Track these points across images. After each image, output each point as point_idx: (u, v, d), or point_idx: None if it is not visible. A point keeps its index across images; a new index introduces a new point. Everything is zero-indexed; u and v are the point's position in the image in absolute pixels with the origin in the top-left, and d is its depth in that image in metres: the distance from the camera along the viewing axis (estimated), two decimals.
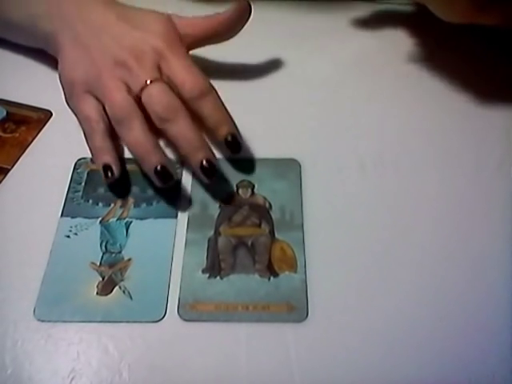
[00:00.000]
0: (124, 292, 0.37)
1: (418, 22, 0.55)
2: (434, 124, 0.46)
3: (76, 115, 0.45)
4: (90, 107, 0.43)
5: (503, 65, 0.51)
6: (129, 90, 0.42)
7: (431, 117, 0.47)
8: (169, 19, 0.45)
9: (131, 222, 0.41)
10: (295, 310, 0.36)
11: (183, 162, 0.44)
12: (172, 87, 0.42)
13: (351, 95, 0.49)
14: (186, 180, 0.43)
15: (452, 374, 0.34)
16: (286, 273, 0.38)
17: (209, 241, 0.39)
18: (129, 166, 0.44)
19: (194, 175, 0.43)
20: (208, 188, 0.42)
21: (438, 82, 0.50)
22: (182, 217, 0.41)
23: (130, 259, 0.39)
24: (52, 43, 0.46)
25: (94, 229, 0.40)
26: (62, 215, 0.41)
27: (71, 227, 0.40)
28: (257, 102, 0.48)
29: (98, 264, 0.38)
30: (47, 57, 0.49)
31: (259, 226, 0.40)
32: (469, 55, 0.51)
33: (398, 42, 0.53)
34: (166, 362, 0.35)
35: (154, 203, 0.42)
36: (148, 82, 0.41)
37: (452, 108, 0.48)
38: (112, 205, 0.42)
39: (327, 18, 0.55)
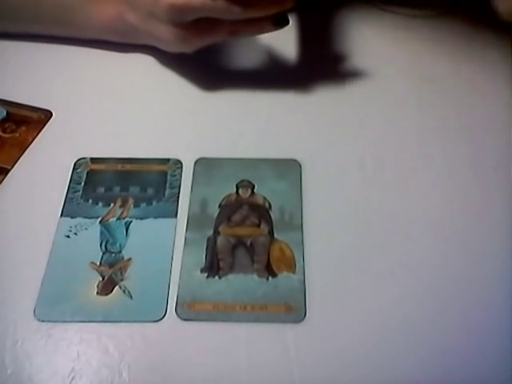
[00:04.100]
0: (124, 292, 0.37)
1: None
2: (433, 125, 0.46)
3: None
4: None
5: (502, 66, 0.51)
6: None
7: (430, 117, 0.47)
8: None
9: (131, 222, 0.41)
10: (293, 310, 0.36)
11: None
12: None
13: (351, 95, 0.49)
14: (186, 180, 0.43)
15: (452, 373, 0.34)
16: (285, 273, 0.38)
17: (208, 240, 0.40)
18: (129, 166, 0.44)
19: (194, 174, 0.43)
20: (208, 188, 0.42)
21: (438, 83, 0.50)
22: (182, 216, 0.41)
23: (129, 259, 0.39)
24: None
25: (93, 229, 0.40)
26: (61, 215, 0.41)
27: (71, 227, 0.40)
28: (257, 103, 0.48)
29: (98, 264, 0.39)
30: (48, 57, 0.49)
31: (258, 225, 0.40)
32: (468, 56, 0.51)
33: (399, 45, 0.53)
34: (166, 361, 0.35)
35: (154, 203, 0.42)
36: None
37: (451, 108, 0.48)
38: (112, 204, 0.42)
39: (328, 19, 0.55)
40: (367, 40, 0.53)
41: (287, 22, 0.45)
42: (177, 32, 0.45)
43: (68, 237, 0.40)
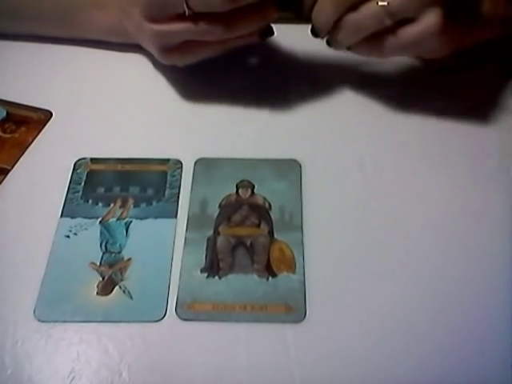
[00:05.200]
0: (124, 292, 0.37)
1: None
2: (433, 124, 0.46)
3: None
4: None
5: (503, 64, 0.51)
6: None
7: (430, 117, 0.47)
8: None
9: (131, 222, 0.41)
10: (293, 310, 0.36)
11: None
12: None
13: (351, 95, 0.49)
14: (186, 180, 0.43)
15: (452, 373, 0.34)
16: (285, 273, 0.38)
17: (208, 240, 0.40)
18: (129, 166, 0.44)
19: (194, 174, 0.43)
20: (208, 188, 0.42)
21: (437, 83, 0.50)
22: (182, 216, 0.41)
23: (129, 259, 0.39)
24: None
25: (93, 229, 0.40)
26: (61, 215, 0.41)
27: (71, 227, 0.40)
28: (257, 103, 0.48)
29: (98, 264, 0.39)
30: (48, 57, 0.49)
31: (258, 226, 0.40)
32: (468, 55, 0.51)
33: None
34: (166, 361, 0.35)
35: (154, 203, 0.42)
36: None
37: (451, 108, 0.48)
38: (112, 205, 0.42)
39: None
40: None
41: (272, 34, 0.46)
42: (164, 53, 0.45)
43: (68, 237, 0.40)
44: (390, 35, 0.41)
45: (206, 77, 0.50)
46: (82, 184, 0.43)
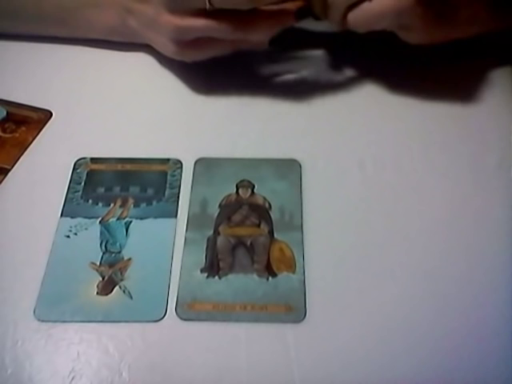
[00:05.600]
0: (124, 292, 0.37)
1: None
2: (433, 124, 0.46)
3: None
4: None
5: (502, 65, 0.51)
6: None
7: (430, 117, 0.47)
8: None
9: (131, 222, 0.41)
10: (293, 310, 0.36)
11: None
12: None
13: (351, 95, 0.49)
14: (186, 180, 0.43)
15: (452, 373, 0.34)
16: (285, 273, 0.38)
17: (208, 240, 0.40)
18: (129, 166, 0.44)
19: (194, 174, 0.43)
20: (208, 188, 0.42)
21: (438, 82, 0.50)
22: (182, 216, 0.41)
23: (129, 259, 0.39)
24: None
25: (93, 229, 0.40)
26: (61, 215, 0.41)
27: (71, 227, 0.40)
28: (257, 103, 0.48)
29: (98, 264, 0.39)
30: (47, 57, 0.49)
31: (258, 226, 0.40)
32: (468, 54, 0.51)
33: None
34: (166, 361, 0.35)
35: (154, 203, 0.42)
36: None
37: (451, 108, 0.48)
38: (112, 205, 0.42)
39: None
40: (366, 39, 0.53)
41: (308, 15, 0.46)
42: (176, 47, 0.45)
43: (68, 237, 0.40)
44: (365, 5, 0.42)
45: (206, 77, 0.50)
46: (82, 184, 0.43)
